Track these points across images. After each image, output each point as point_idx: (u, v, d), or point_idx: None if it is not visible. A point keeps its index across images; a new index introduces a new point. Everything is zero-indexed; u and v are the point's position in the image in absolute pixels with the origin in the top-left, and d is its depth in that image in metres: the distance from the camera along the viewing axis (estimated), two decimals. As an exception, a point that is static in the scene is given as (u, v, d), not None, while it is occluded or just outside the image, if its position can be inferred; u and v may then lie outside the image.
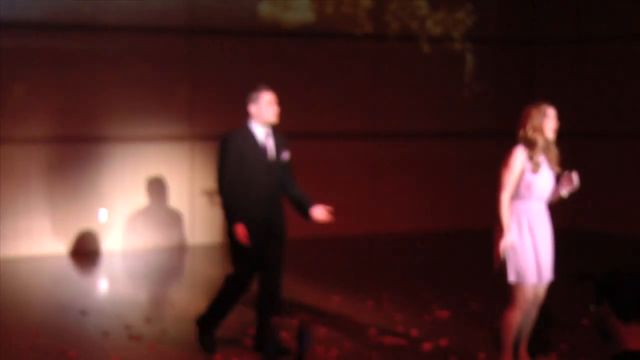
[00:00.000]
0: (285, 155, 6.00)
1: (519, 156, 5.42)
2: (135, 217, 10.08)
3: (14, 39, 9.44)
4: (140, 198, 10.08)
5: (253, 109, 5.89)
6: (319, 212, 5.93)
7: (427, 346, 6.25)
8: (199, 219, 10.36)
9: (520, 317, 5.46)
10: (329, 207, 5.92)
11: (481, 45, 11.70)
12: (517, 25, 11.85)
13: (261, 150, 5.87)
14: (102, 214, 9.89)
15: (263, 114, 5.87)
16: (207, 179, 10.41)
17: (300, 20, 10.72)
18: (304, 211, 5.99)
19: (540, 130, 5.41)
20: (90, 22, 9.73)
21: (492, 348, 6.07)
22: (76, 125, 9.78)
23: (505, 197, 5.40)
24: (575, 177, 5.41)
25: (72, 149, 9.78)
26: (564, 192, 5.45)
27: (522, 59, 11.89)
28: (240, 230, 5.69)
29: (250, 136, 5.88)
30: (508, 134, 12.36)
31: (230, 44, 10.42)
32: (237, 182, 5.74)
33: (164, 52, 10.12)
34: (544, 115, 5.43)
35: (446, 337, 6.44)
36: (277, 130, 6.02)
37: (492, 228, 5.50)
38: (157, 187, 10.16)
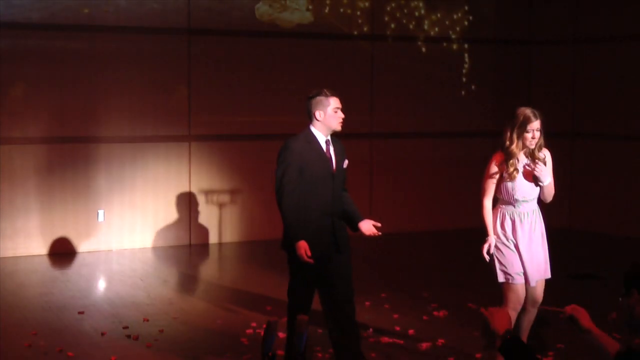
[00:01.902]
0: (345, 163, 5.56)
1: (497, 163, 5.49)
2: (133, 217, 10.09)
3: (13, 39, 9.46)
4: (138, 198, 10.09)
5: (318, 115, 5.41)
6: (367, 226, 5.51)
7: (424, 346, 6.27)
8: (197, 219, 10.37)
9: (514, 316, 5.49)
10: (376, 223, 5.51)
11: (478, 45, 11.72)
12: (515, 26, 11.87)
13: (325, 158, 5.43)
14: (100, 214, 9.91)
15: (329, 121, 5.40)
16: (205, 179, 10.43)
17: (298, 21, 10.73)
18: (352, 223, 5.57)
19: (517, 144, 5.42)
20: (89, 22, 9.74)
21: (487, 348, 6.09)
22: (75, 126, 9.79)
23: (486, 201, 5.55)
24: (537, 167, 5.40)
25: (71, 149, 9.79)
26: (541, 180, 5.44)
27: (519, 59, 11.91)
28: (303, 248, 5.22)
29: (313, 143, 5.43)
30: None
31: (229, 45, 10.43)
32: (299, 194, 5.32)
33: (163, 53, 10.13)
34: (525, 130, 5.42)
35: (443, 337, 6.46)
36: (336, 136, 5.58)
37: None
38: (155, 187, 10.17)
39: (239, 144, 10.57)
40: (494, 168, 5.50)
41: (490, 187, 5.52)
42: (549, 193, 5.52)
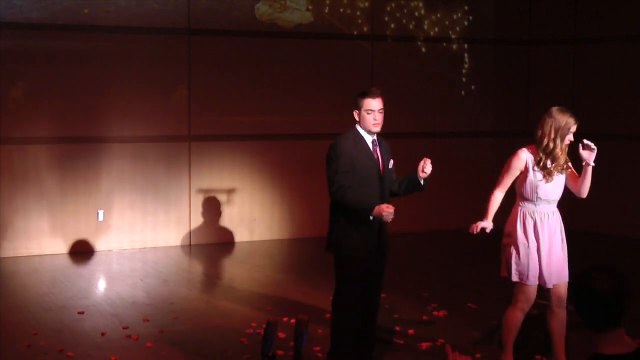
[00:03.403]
0: (391, 164, 5.49)
1: (522, 158, 5.40)
2: (133, 217, 10.09)
3: (13, 39, 9.46)
4: (138, 198, 10.10)
5: (356, 115, 5.36)
6: (424, 168, 5.48)
7: (424, 346, 6.28)
8: (198, 219, 10.38)
9: (521, 317, 5.48)
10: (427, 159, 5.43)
11: (478, 45, 11.72)
12: (514, 26, 11.87)
13: (373, 159, 5.35)
14: (100, 214, 9.91)
15: (363, 122, 5.31)
16: (205, 179, 10.43)
17: (298, 21, 10.74)
18: (415, 183, 5.57)
19: (561, 147, 5.32)
20: (89, 22, 9.74)
21: (486, 347, 6.09)
22: (75, 126, 9.79)
23: (497, 192, 5.52)
24: (589, 143, 5.33)
25: (71, 149, 9.79)
26: (591, 161, 5.33)
27: (519, 59, 11.91)
28: (379, 209, 5.11)
29: (360, 142, 5.33)
30: (504, 134, 12.49)
31: (229, 45, 10.43)
32: (356, 188, 5.20)
33: (163, 53, 10.13)
34: (569, 131, 5.33)
35: (443, 337, 6.46)
36: (381, 136, 5.51)
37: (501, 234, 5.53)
38: (155, 187, 10.17)
39: (239, 144, 10.57)
40: (518, 164, 5.40)
41: (507, 181, 5.46)
42: (588, 185, 5.40)
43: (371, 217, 5.21)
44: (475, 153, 11.70)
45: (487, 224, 5.46)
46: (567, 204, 5.69)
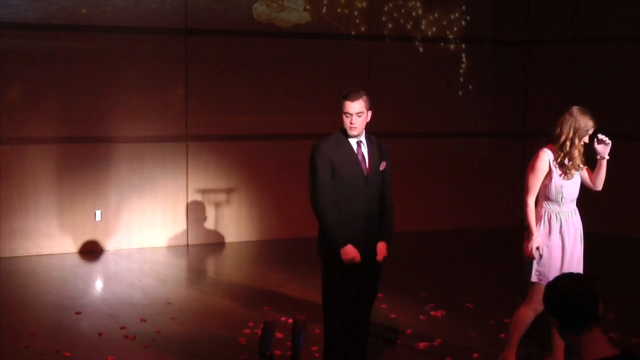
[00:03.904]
0: (382, 165, 5.30)
1: (545, 159, 5.37)
2: (130, 218, 10.08)
3: (10, 40, 9.45)
4: (135, 198, 10.09)
5: (341, 117, 5.21)
6: (380, 249, 5.27)
7: (422, 345, 6.27)
8: (195, 219, 10.37)
9: (533, 316, 5.47)
10: (384, 253, 5.26)
11: (476, 45, 11.72)
12: (512, 26, 11.86)
13: (355, 160, 5.19)
14: (98, 214, 9.90)
15: (343, 124, 5.19)
16: (202, 179, 10.42)
17: (296, 21, 10.73)
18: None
19: (579, 148, 5.34)
20: (86, 22, 9.73)
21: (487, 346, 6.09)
22: (73, 126, 9.78)
23: (531, 200, 5.41)
24: (603, 138, 5.35)
25: (68, 149, 9.78)
26: (605, 154, 5.38)
27: (516, 59, 11.91)
28: (351, 252, 5.05)
29: (342, 145, 5.20)
30: (502, 134, 12.48)
31: (227, 45, 10.43)
32: (334, 195, 5.12)
33: (160, 53, 10.12)
34: (587, 133, 5.35)
35: (441, 336, 6.46)
36: (374, 137, 5.38)
37: (521, 231, 5.50)
38: (152, 187, 10.16)
39: (236, 144, 10.56)
40: (542, 165, 5.37)
41: (537, 185, 5.38)
42: (603, 177, 5.45)
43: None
44: (473, 153, 11.70)
45: (538, 242, 5.37)
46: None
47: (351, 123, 5.16)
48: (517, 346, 5.57)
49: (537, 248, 5.36)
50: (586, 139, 5.38)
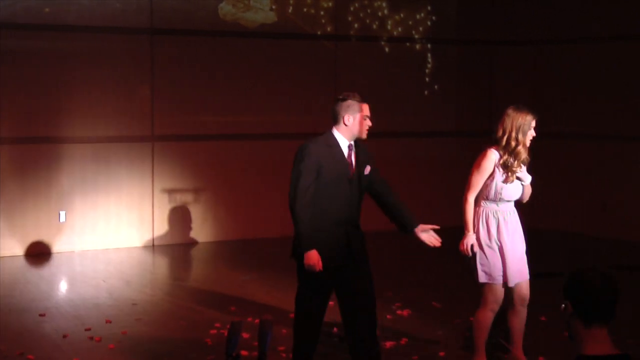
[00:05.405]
0: (367, 170, 5.29)
1: (492, 159, 5.40)
2: (95, 218, 10.00)
3: (-28, 38, 9.34)
4: (100, 199, 10.01)
5: (347, 119, 5.20)
6: (427, 237, 5.36)
7: (388, 345, 6.29)
8: (161, 219, 10.31)
9: (492, 317, 5.51)
10: (435, 227, 5.31)
11: (441, 45, 11.78)
12: (477, 26, 11.94)
13: (344, 163, 5.16)
14: (62, 215, 9.81)
15: (357, 128, 5.20)
16: (168, 179, 10.37)
17: (262, 21, 10.71)
18: (404, 226, 5.40)
19: (524, 143, 5.37)
20: (50, 22, 9.64)
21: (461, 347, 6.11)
22: (36, 126, 9.68)
23: (471, 197, 5.46)
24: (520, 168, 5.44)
25: (32, 149, 9.68)
26: (524, 180, 5.45)
27: (481, 59, 11.99)
28: (314, 258, 4.97)
29: (333, 147, 5.16)
30: (468, 133, 12.55)
31: (192, 44, 10.38)
32: (313, 200, 5.05)
33: (125, 53, 10.06)
34: (530, 127, 5.39)
35: (407, 335, 6.48)
36: (360, 142, 5.36)
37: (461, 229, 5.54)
38: (117, 187, 10.09)
39: (202, 144, 10.52)
40: (488, 165, 5.40)
41: (479, 183, 5.42)
42: (529, 193, 5.51)
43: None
44: (439, 153, 11.75)
45: (473, 239, 5.42)
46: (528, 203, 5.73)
47: (369, 125, 5.26)
48: (485, 349, 5.60)
49: (472, 246, 5.39)
50: (532, 133, 5.41)
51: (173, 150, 10.37)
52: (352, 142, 5.24)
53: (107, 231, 10.05)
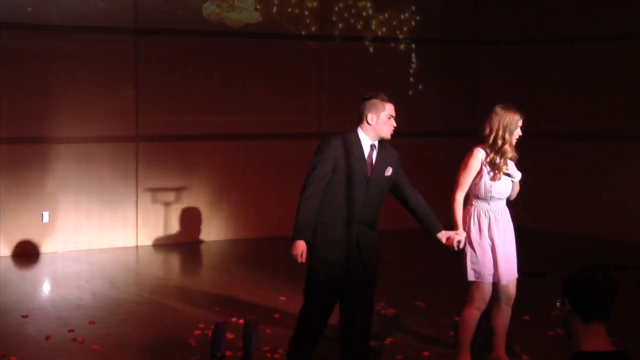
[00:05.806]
0: (389, 171, 5.21)
1: (479, 158, 5.42)
2: (79, 218, 9.95)
3: (-46, 37, 9.27)
4: (84, 199, 9.96)
5: (370, 118, 5.16)
6: (448, 240, 5.32)
7: (372, 344, 6.28)
8: (145, 219, 10.27)
9: (478, 315, 5.52)
10: (458, 232, 5.33)
11: (425, 45, 11.79)
12: (461, 26, 11.97)
13: (362, 162, 5.09)
14: (45, 216, 9.76)
15: (381, 127, 5.14)
16: (152, 179, 10.33)
17: (246, 21, 10.70)
18: (429, 230, 5.37)
19: (510, 142, 5.39)
20: (32, 21, 9.58)
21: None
22: (19, 126, 9.62)
23: (460, 196, 5.48)
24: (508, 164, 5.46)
25: (14, 149, 9.62)
26: (514, 176, 5.46)
27: (466, 59, 12.01)
28: (299, 248, 4.94)
29: (354, 145, 5.11)
30: (452, 133, 12.56)
31: (177, 44, 10.35)
32: (327, 194, 5.03)
33: (109, 52, 10.01)
34: (517, 126, 5.40)
35: (391, 335, 6.48)
36: (387, 144, 5.28)
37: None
38: (100, 188, 10.05)
39: (186, 144, 10.49)
40: (475, 163, 5.42)
41: (467, 181, 5.44)
42: (517, 190, 5.53)
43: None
44: (423, 153, 11.76)
45: (462, 236, 5.41)
46: (517, 203, 5.74)
47: (393, 125, 5.19)
48: (469, 348, 5.60)
49: (459, 242, 5.39)
50: (519, 132, 5.43)
51: (157, 151, 10.34)
52: (376, 142, 5.18)
53: (90, 232, 10.00)
